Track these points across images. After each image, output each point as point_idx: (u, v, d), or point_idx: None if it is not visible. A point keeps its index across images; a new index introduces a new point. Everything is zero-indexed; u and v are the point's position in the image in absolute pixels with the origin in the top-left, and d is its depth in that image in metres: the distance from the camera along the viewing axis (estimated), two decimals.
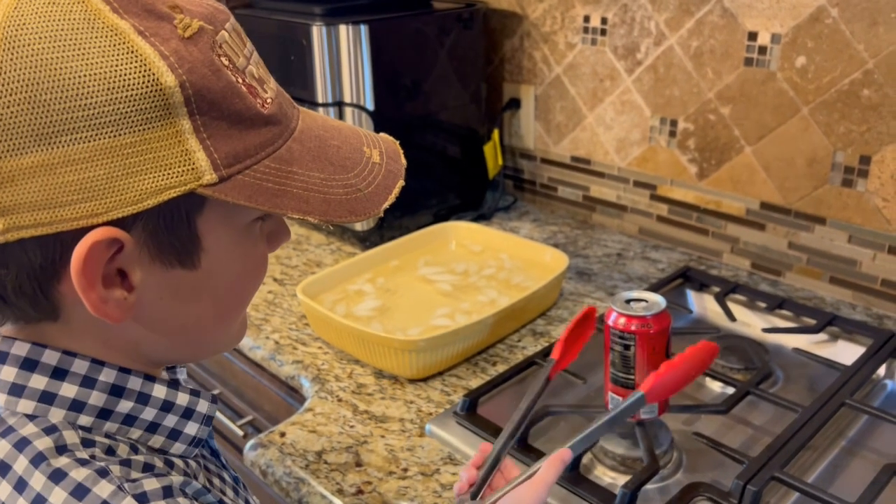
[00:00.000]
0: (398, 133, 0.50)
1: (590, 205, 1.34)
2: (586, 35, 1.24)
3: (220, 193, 0.40)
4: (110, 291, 0.41)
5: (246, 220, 0.46)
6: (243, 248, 0.47)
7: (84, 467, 0.40)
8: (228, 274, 0.46)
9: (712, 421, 0.83)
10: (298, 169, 0.44)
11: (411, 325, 0.97)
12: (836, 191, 1.03)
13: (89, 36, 0.38)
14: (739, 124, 1.10)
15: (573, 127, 1.32)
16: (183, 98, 0.39)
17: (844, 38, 0.96)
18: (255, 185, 0.42)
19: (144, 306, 0.43)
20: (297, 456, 0.78)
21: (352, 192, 0.46)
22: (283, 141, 0.44)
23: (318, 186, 0.44)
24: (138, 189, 0.38)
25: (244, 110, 0.42)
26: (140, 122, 0.38)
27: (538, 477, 0.57)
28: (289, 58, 1.18)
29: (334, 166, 0.46)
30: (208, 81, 0.40)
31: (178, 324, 0.46)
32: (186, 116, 0.39)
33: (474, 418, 0.81)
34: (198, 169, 0.40)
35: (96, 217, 0.38)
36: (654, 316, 0.72)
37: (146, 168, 0.38)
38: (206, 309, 0.47)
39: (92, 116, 0.37)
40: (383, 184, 0.48)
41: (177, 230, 0.42)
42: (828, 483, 0.74)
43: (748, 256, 1.15)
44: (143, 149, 0.38)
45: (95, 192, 0.38)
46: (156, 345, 0.47)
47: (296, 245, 1.28)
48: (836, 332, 0.96)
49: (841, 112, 0.99)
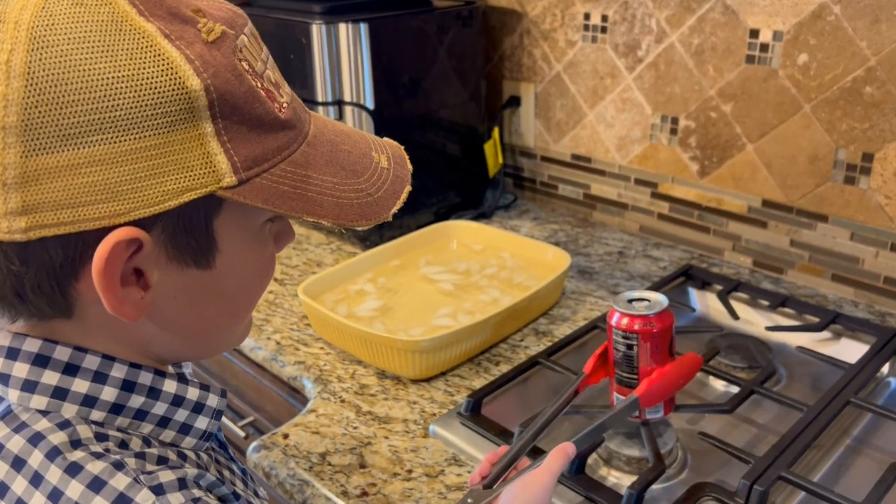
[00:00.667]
0: (398, 132, 0.50)
1: (590, 203, 1.34)
2: (587, 32, 1.23)
3: (239, 196, 0.41)
4: (127, 290, 0.41)
5: (258, 221, 0.46)
6: (255, 249, 0.47)
7: (99, 460, 0.40)
8: (241, 274, 0.47)
9: (717, 420, 0.83)
10: (313, 173, 0.45)
11: (413, 325, 0.97)
12: (839, 188, 1.03)
13: (117, 38, 0.38)
14: (741, 122, 1.10)
15: (573, 125, 1.31)
16: (207, 102, 0.39)
17: (847, 35, 0.96)
18: (273, 188, 0.42)
19: (159, 305, 0.43)
20: (301, 458, 0.78)
21: (363, 197, 0.47)
22: (298, 145, 0.45)
23: (331, 191, 0.45)
24: (160, 190, 0.39)
25: (263, 115, 0.42)
26: (165, 124, 0.38)
27: (543, 465, 0.59)
28: (288, 56, 1.17)
29: (346, 171, 0.47)
30: (231, 86, 0.40)
31: (190, 323, 0.47)
32: (209, 120, 0.40)
33: (478, 419, 0.80)
34: (218, 171, 0.40)
35: (119, 217, 0.39)
36: (657, 315, 0.72)
37: (169, 170, 0.39)
38: (218, 308, 0.47)
39: (118, 118, 0.37)
40: (392, 189, 0.50)
41: (195, 231, 0.42)
42: (833, 482, 0.74)
43: (750, 254, 1.15)
44: (166, 151, 0.39)
45: (119, 193, 0.38)
46: (166, 343, 0.47)
47: (296, 245, 1.27)
48: (840, 329, 0.95)
49: (843, 109, 0.99)
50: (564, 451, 0.61)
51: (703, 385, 0.90)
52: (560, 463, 0.60)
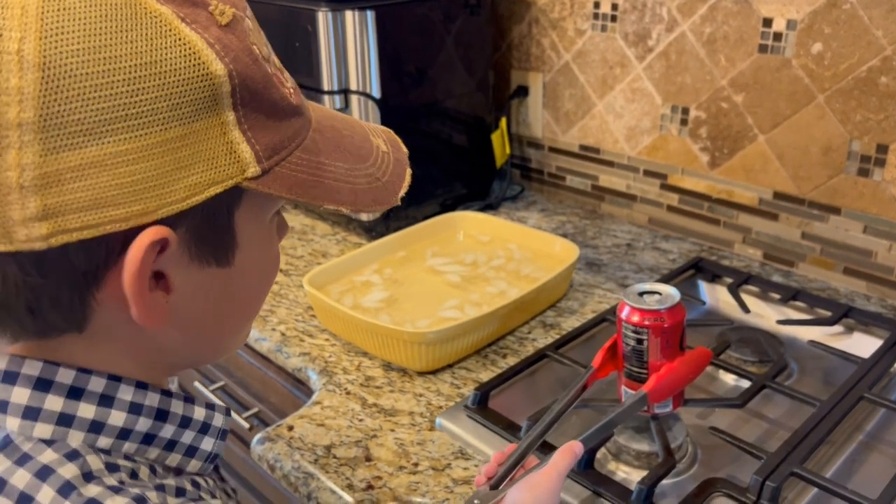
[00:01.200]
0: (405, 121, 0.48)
1: (599, 194, 1.32)
2: (596, 21, 1.22)
3: (263, 186, 0.39)
4: (154, 295, 0.39)
5: (270, 213, 0.45)
6: (267, 242, 0.46)
7: (119, 495, 0.38)
8: (256, 270, 0.45)
9: (727, 415, 0.82)
10: (326, 160, 0.44)
11: (420, 316, 0.96)
12: (852, 180, 1.01)
13: (133, 23, 0.35)
14: (753, 112, 1.08)
15: (582, 115, 1.30)
16: (230, 88, 0.37)
17: (862, 24, 0.94)
18: (293, 177, 0.41)
19: (177, 308, 0.41)
20: (306, 450, 0.77)
21: (373, 182, 0.46)
22: (307, 132, 0.44)
23: (344, 177, 0.44)
24: (186, 184, 0.37)
25: (279, 100, 0.41)
26: (189, 114, 0.36)
27: (550, 464, 0.58)
28: (293, 44, 1.15)
29: (353, 156, 0.46)
30: (251, 70, 0.39)
31: (208, 324, 0.44)
32: (231, 108, 0.38)
33: (485, 412, 0.79)
34: (242, 162, 0.38)
35: (147, 216, 0.36)
36: (668, 309, 0.71)
37: (194, 162, 0.37)
38: (234, 307, 0.46)
39: (142, 108, 0.35)
40: (396, 172, 0.49)
41: (218, 227, 0.40)
42: (846, 478, 0.73)
43: (760, 247, 1.13)
44: (190, 142, 0.36)
45: (145, 190, 0.35)
46: (180, 349, 0.45)
47: (301, 235, 1.26)
48: (852, 324, 0.94)
49: (858, 100, 0.97)
50: (572, 449, 0.60)
51: (714, 379, 0.89)
52: (567, 462, 0.59)
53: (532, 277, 1.03)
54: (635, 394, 0.69)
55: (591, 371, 0.74)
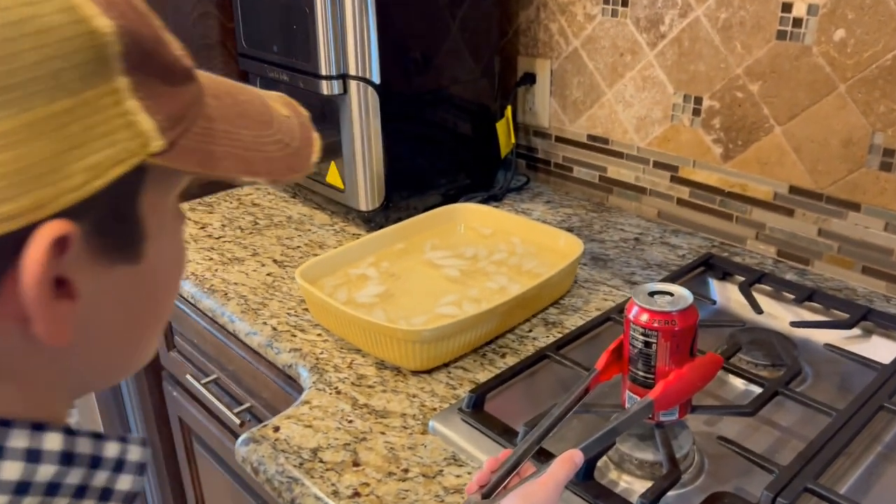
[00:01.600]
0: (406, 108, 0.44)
1: (607, 186, 1.28)
2: (606, 6, 1.17)
3: (170, 162, 0.34)
4: (58, 305, 0.32)
5: (174, 195, 0.39)
6: (175, 230, 0.40)
7: None
8: (167, 264, 0.39)
9: (736, 422, 0.77)
10: (229, 127, 0.38)
11: (416, 313, 0.92)
12: (874, 175, 0.96)
13: None
14: (769, 102, 1.03)
15: (591, 104, 1.25)
16: (120, 48, 0.31)
17: (888, 9, 0.89)
18: (200, 149, 0.35)
19: (85, 318, 0.34)
20: (291, 453, 0.73)
21: (283, 148, 0.41)
22: (203, 97, 0.38)
23: (253, 145, 0.39)
24: (83, 166, 0.30)
25: (173, 62, 0.35)
26: (74, 79, 0.30)
27: (548, 474, 0.55)
28: (290, 27, 1.11)
29: (256, 122, 0.40)
30: (140, 27, 0.33)
31: (118, 333, 0.38)
32: (123, 72, 0.32)
33: (481, 415, 0.75)
34: (144, 135, 0.32)
35: (41, 209, 0.30)
36: (680, 312, 0.66)
37: (88, 140, 0.31)
38: (146, 309, 0.39)
39: (17, 78, 0.29)
40: (302, 136, 0.43)
41: (123, 215, 0.34)
42: (863, 493, 0.69)
43: (774, 243, 1.09)
44: (80, 115, 0.30)
45: (36, 178, 0.29)
46: (87, 368, 0.37)
47: (298, 225, 1.22)
48: (871, 327, 0.89)
49: (882, 90, 0.92)
50: (571, 458, 0.57)
51: (723, 384, 0.85)
52: (566, 472, 0.56)
53: (534, 273, 0.99)
54: (641, 401, 0.65)
55: (594, 374, 0.70)
